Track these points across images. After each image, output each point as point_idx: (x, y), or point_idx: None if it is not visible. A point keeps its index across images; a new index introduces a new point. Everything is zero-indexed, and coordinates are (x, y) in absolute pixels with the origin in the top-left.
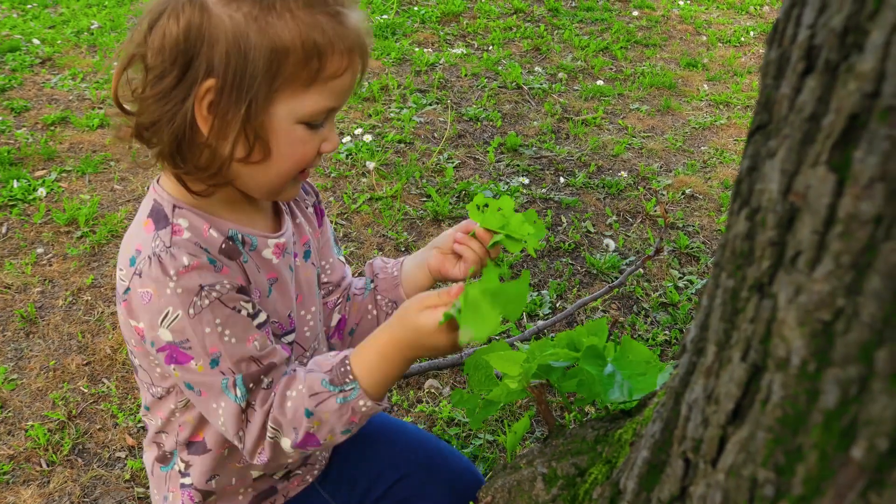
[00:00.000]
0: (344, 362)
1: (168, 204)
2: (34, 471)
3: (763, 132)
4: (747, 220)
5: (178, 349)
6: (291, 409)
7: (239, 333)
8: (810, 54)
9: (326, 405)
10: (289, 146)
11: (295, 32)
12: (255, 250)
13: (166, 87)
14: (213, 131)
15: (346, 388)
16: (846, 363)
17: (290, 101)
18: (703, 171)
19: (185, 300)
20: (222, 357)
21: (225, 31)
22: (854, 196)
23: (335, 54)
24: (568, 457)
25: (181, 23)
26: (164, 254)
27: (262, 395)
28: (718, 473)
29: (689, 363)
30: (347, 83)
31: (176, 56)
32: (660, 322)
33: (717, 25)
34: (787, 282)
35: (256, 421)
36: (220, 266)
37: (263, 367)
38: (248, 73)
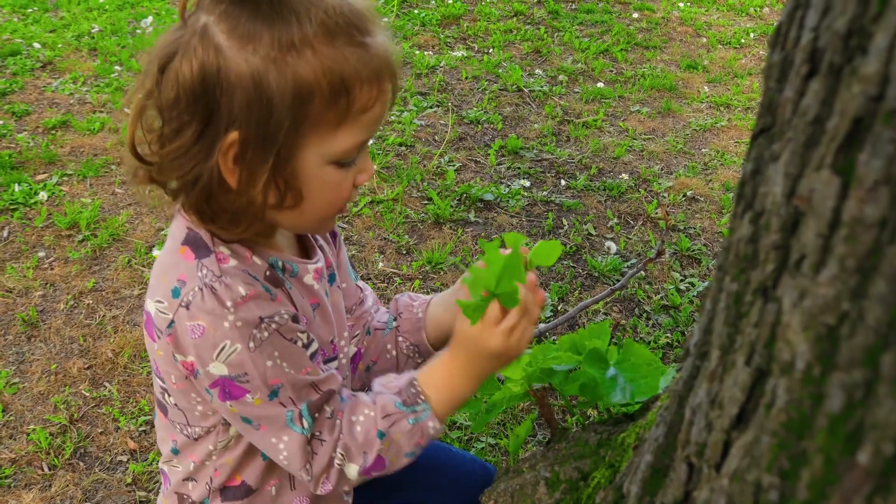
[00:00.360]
0: (412, 383)
1: (205, 232)
2: (36, 474)
3: (766, 135)
4: (751, 224)
5: (234, 383)
6: (362, 432)
7: (296, 364)
8: (814, 57)
9: (399, 426)
10: (322, 188)
11: (318, 70)
12: (296, 276)
13: (186, 143)
14: (242, 183)
15: (418, 408)
16: (851, 367)
17: (320, 143)
18: (705, 173)
19: (245, 333)
20: (283, 388)
21: (243, 78)
22: (859, 199)
23: (364, 86)
24: (571, 460)
25: (195, 67)
26: (217, 284)
27: (328, 425)
28: (722, 478)
29: (693, 367)
30: (378, 113)
31: (194, 107)
32: (661, 325)
33: (718, 27)
34: (791, 286)
35: (324, 451)
36: (275, 294)
37: (324, 395)
38: (273, 123)
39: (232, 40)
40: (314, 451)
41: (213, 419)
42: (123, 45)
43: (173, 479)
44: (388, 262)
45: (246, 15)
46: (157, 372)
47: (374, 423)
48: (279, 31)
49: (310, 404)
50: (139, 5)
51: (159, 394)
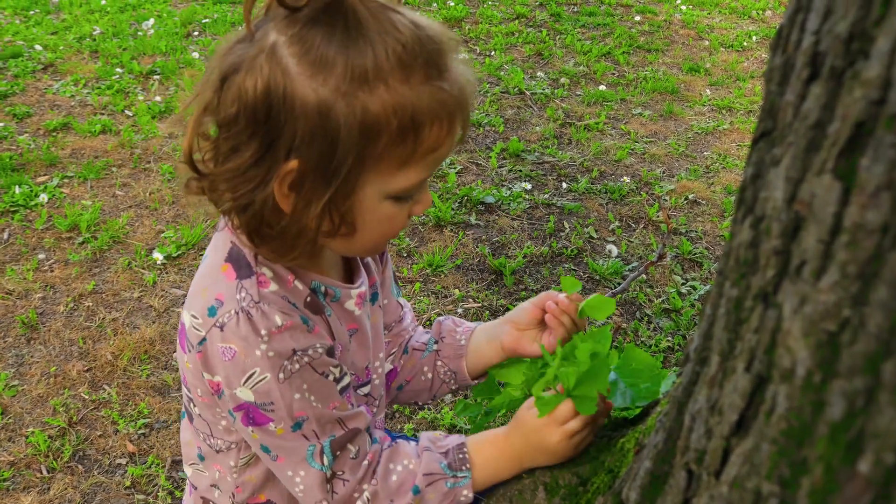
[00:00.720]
0: (462, 449)
1: (249, 251)
2: (34, 477)
3: (767, 139)
4: (751, 229)
5: (259, 410)
6: (397, 482)
7: (324, 399)
8: (815, 61)
9: (436, 487)
10: (377, 222)
11: (389, 108)
12: (338, 301)
13: (243, 165)
14: (297, 211)
15: (460, 475)
16: (852, 375)
17: (381, 180)
18: (706, 176)
19: (276, 364)
20: (308, 420)
21: (309, 107)
22: (860, 205)
23: (434, 126)
24: (570, 465)
25: (259, 87)
26: (254, 311)
27: (351, 465)
28: (722, 486)
29: (693, 373)
30: (446, 152)
31: (254, 129)
32: (663, 328)
33: (720, 30)
34: (792, 291)
35: (345, 491)
36: (313, 325)
37: (349, 432)
38: (336, 157)
39: (302, 66)
40: (334, 490)
41: (236, 436)
42: (125, 48)
43: (199, 486)
44: None
45: (319, 39)
46: (184, 381)
47: (413, 478)
48: (353, 62)
49: (333, 441)
50: (141, 7)
51: (186, 402)
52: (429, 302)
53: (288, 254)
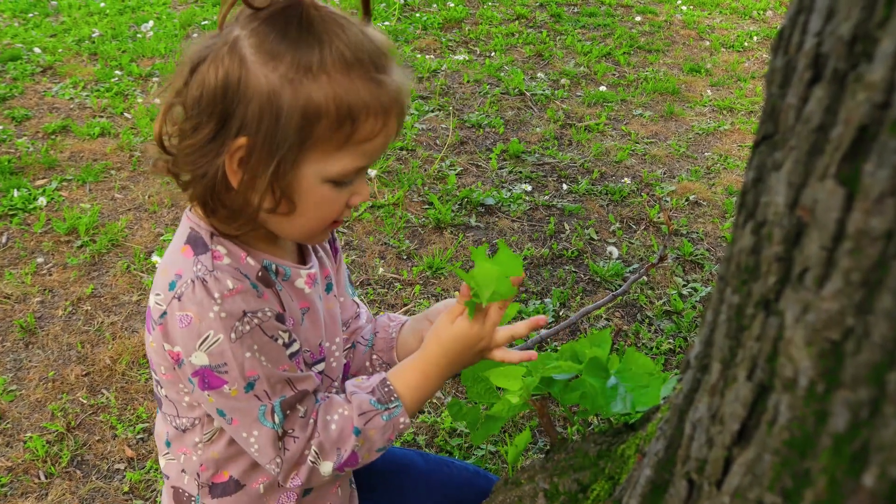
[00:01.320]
0: (385, 382)
1: (206, 232)
2: (32, 483)
3: (769, 143)
4: (753, 234)
5: (213, 373)
6: (336, 430)
7: (274, 360)
8: (817, 63)
9: (374, 423)
10: (314, 203)
11: (330, 96)
12: (288, 280)
13: (201, 141)
14: (243, 185)
15: (391, 405)
16: (856, 385)
17: (319, 162)
18: (707, 177)
19: (228, 325)
20: (259, 380)
21: (260, 91)
22: (864, 211)
23: (370, 118)
24: (570, 472)
25: (220, 73)
26: (209, 277)
27: (301, 423)
28: (723, 496)
29: (694, 380)
30: (380, 144)
31: (212, 109)
32: (664, 330)
33: (720, 30)
34: (794, 299)
35: (296, 448)
36: (262, 291)
37: (298, 393)
38: (279, 135)
39: (257, 55)
40: (286, 447)
41: (200, 410)
42: (124, 50)
43: (170, 474)
44: (389, 268)
45: (274, 35)
46: (151, 365)
47: (351, 421)
48: (301, 55)
49: (283, 401)
50: (140, 10)
51: (155, 387)
52: (428, 304)
53: (234, 224)
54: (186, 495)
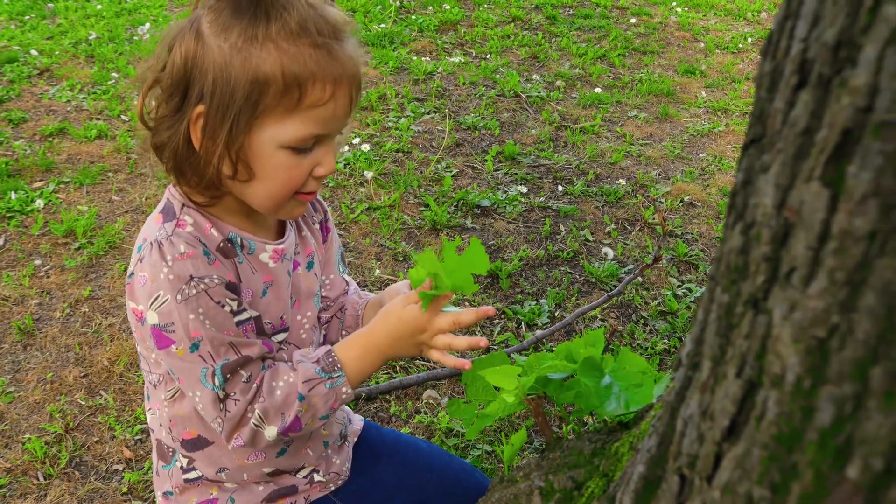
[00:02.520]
0: (330, 353)
1: (178, 202)
2: (31, 484)
3: (757, 146)
4: (742, 235)
5: (162, 332)
6: (281, 395)
7: (219, 325)
8: (803, 68)
9: (317, 390)
10: (272, 170)
11: (277, 64)
12: (253, 254)
13: (170, 111)
14: (203, 149)
15: (334, 375)
16: (841, 381)
17: (272, 127)
18: (702, 178)
19: (175, 286)
20: (203, 341)
21: (214, 61)
22: (848, 212)
23: (317, 84)
24: (565, 470)
25: (183, 50)
26: (165, 241)
27: (243, 387)
28: (714, 490)
29: (685, 378)
30: (331, 112)
31: (178, 82)
32: (659, 331)
33: (715, 32)
34: (781, 298)
35: (236, 410)
36: (213, 259)
37: (241, 358)
38: (230, 101)
39: (212, 29)
40: (227, 409)
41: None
42: (121, 52)
43: (154, 428)
44: (385, 269)
45: (228, 11)
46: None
47: (295, 387)
48: (248, 26)
49: (224, 364)
50: (136, 12)
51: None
52: None
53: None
54: (166, 446)
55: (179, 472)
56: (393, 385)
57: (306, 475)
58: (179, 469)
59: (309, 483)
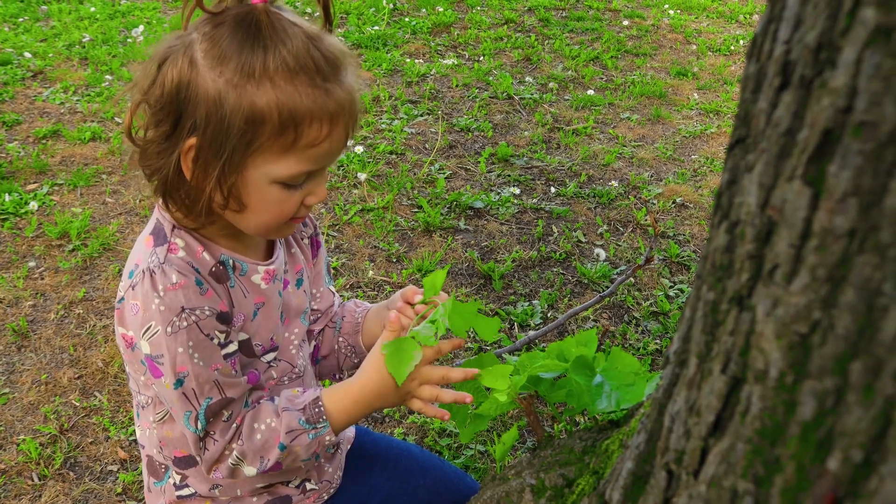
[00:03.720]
0: (317, 403)
1: (168, 224)
2: (26, 485)
3: (742, 146)
4: (727, 233)
5: (154, 363)
6: (261, 441)
7: (207, 358)
8: (786, 69)
9: (300, 440)
10: (264, 203)
11: (273, 102)
12: (245, 275)
13: (159, 137)
14: (195, 180)
15: (319, 426)
16: (822, 375)
17: (265, 165)
18: (694, 179)
19: (166, 318)
20: (188, 377)
21: (208, 94)
22: (829, 210)
23: (313, 124)
24: (556, 468)
25: (175, 74)
26: (157, 270)
27: (223, 427)
28: (700, 485)
29: (673, 375)
30: (326, 149)
31: (169, 108)
32: (651, 331)
33: (707, 34)
34: (765, 294)
35: (215, 449)
36: (206, 289)
37: (223, 399)
38: (224, 138)
39: (206, 59)
40: (206, 448)
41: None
42: (114, 55)
43: (145, 444)
44: (379, 271)
45: (224, 40)
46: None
47: (277, 435)
48: (245, 60)
49: (207, 408)
50: (130, 14)
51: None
52: None
53: (190, 215)
54: (158, 462)
55: (172, 489)
56: None
57: (298, 484)
58: (172, 486)
59: (302, 493)
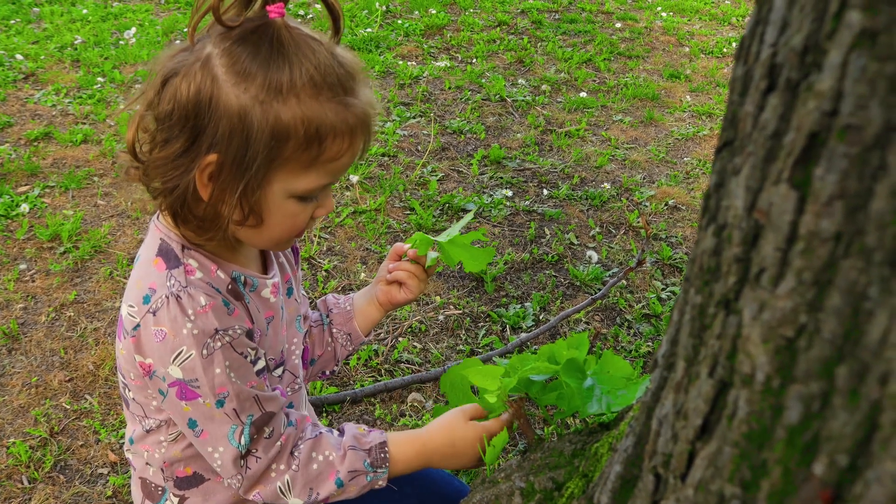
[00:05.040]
0: (384, 447)
1: (176, 244)
2: (16, 488)
3: (729, 149)
4: (714, 237)
5: (188, 387)
6: (316, 471)
7: (243, 376)
8: (772, 72)
9: (358, 481)
10: (280, 217)
11: (298, 118)
12: (256, 290)
13: (172, 154)
14: (213, 198)
15: (379, 471)
16: (808, 379)
17: (286, 180)
18: (686, 181)
19: (200, 341)
20: (228, 397)
21: (231, 110)
22: (815, 213)
23: (336, 139)
24: (545, 471)
25: (192, 89)
26: (183, 294)
27: (265, 444)
28: (687, 489)
29: (661, 378)
30: (345, 163)
31: (184, 123)
32: (642, 333)
33: (700, 37)
34: (751, 298)
35: (258, 467)
36: (232, 308)
37: (265, 415)
38: (248, 154)
39: (229, 75)
40: (248, 466)
41: (166, 414)
42: (106, 57)
43: (137, 466)
44: (371, 273)
45: (246, 55)
46: (119, 369)
47: (333, 470)
48: (271, 76)
49: (252, 422)
50: (122, 17)
51: (122, 388)
52: (410, 309)
53: (204, 235)
54: (153, 485)
55: None
56: (378, 388)
57: None
58: None
59: None
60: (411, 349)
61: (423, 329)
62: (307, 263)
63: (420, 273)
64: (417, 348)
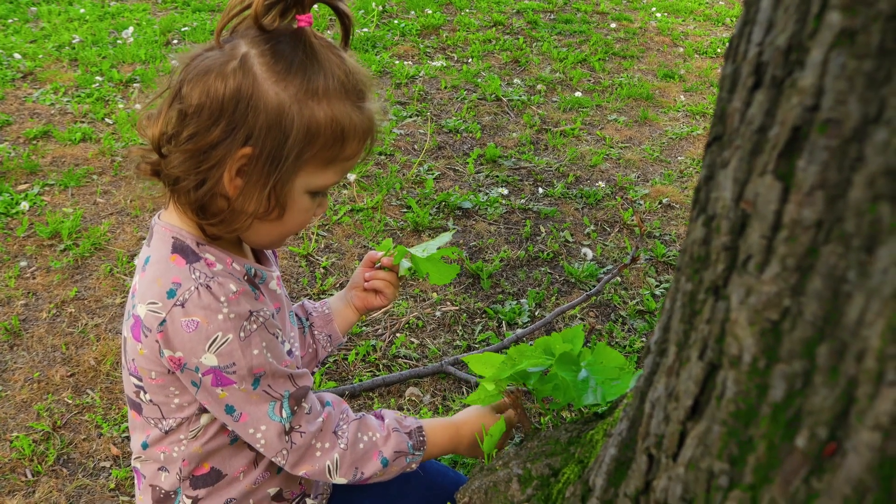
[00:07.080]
0: (421, 431)
1: (191, 240)
2: (19, 481)
3: (718, 143)
4: (704, 227)
5: (223, 374)
6: (362, 451)
7: (277, 356)
8: (759, 70)
9: (399, 462)
10: (297, 212)
11: (329, 117)
12: (264, 283)
13: (203, 146)
14: (239, 192)
15: (417, 453)
16: (792, 359)
17: (309, 175)
18: (680, 180)
19: (237, 325)
20: (265, 376)
21: (270, 106)
22: (797, 203)
23: (354, 140)
24: (542, 458)
25: (230, 86)
26: (212, 282)
27: (307, 419)
28: (679, 467)
29: (653, 363)
30: (355, 163)
31: (218, 117)
32: (637, 329)
33: (694, 37)
34: (739, 284)
35: (303, 441)
36: (258, 294)
37: (300, 389)
38: (285, 148)
39: (269, 74)
40: (293, 441)
41: (189, 410)
42: (104, 56)
43: (147, 473)
44: None
45: (284, 56)
46: (133, 371)
47: (380, 450)
48: (309, 78)
49: (290, 396)
50: (120, 16)
51: (133, 393)
52: (407, 305)
53: (227, 228)
54: (164, 492)
55: None
56: (376, 382)
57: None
58: None
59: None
60: (409, 345)
61: (420, 325)
62: (305, 260)
63: (395, 281)
64: (415, 344)
